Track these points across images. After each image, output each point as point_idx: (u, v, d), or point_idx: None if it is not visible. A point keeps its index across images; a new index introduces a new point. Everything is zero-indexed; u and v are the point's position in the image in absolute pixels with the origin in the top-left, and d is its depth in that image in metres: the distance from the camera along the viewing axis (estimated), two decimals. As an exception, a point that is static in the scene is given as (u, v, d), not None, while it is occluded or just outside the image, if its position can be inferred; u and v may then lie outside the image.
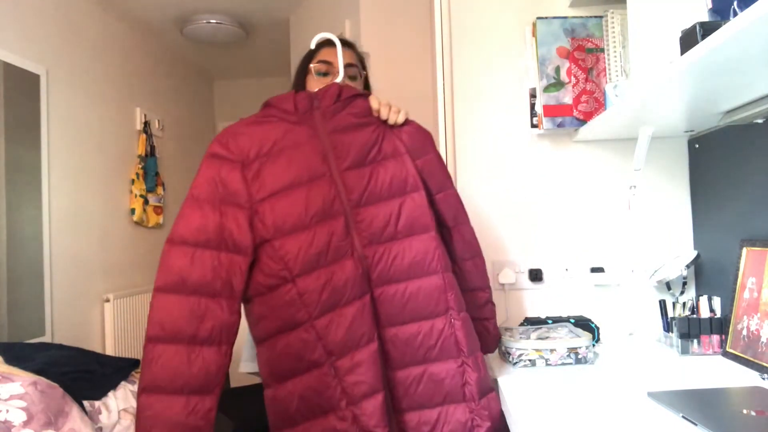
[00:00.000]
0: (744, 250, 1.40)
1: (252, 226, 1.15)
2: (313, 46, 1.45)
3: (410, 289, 1.20)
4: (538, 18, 1.69)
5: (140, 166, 3.68)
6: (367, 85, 1.53)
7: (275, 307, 1.15)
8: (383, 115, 1.27)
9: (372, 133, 1.26)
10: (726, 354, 1.38)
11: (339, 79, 1.35)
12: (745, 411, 0.99)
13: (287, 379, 1.16)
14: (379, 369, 1.15)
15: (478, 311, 1.37)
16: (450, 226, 1.32)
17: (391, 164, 1.25)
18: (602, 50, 1.67)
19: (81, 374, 1.97)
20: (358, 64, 1.48)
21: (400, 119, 1.28)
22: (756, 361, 1.26)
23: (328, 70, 1.42)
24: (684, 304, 1.57)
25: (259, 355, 1.21)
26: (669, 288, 1.66)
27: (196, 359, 1.09)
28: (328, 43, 1.47)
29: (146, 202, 3.71)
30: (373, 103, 1.28)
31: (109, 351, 3.24)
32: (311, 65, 1.44)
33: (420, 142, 1.30)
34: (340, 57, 1.37)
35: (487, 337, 1.40)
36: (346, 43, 1.49)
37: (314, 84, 1.44)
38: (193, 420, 1.07)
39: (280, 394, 1.16)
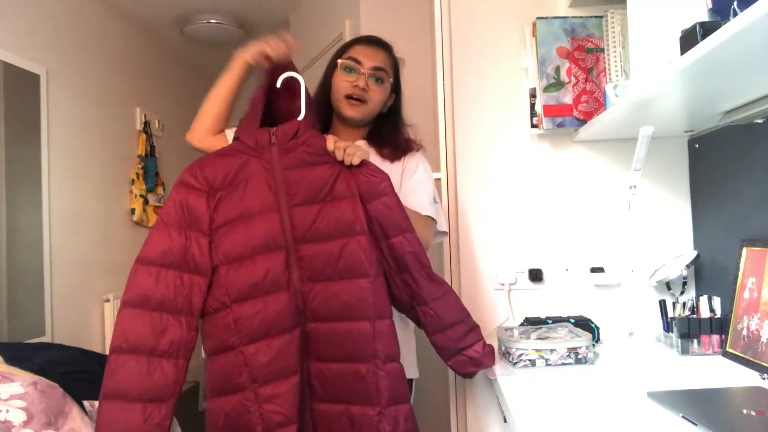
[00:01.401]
0: (744, 250, 1.40)
1: (210, 251, 1.23)
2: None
3: (340, 329, 1.23)
4: (538, 18, 1.69)
5: (140, 166, 3.68)
6: (397, 90, 1.52)
7: (216, 328, 1.22)
8: (338, 157, 1.25)
9: (327, 171, 1.26)
10: (726, 354, 1.38)
11: (301, 116, 1.29)
12: (745, 411, 0.99)
13: (218, 395, 1.22)
14: (297, 402, 1.20)
15: (458, 343, 1.33)
16: (411, 270, 1.28)
17: (342, 205, 1.25)
18: (602, 50, 1.67)
19: (81, 374, 1.97)
20: (389, 69, 1.47)
21: (355, 161, 1.24)
22: (756, 361, 1.26)
23: (355, 67, 1.44)
24: (684, 304, 1.57)
25: (205, 369, 1.27)
26: (669, 288, 1.66)
27: (155, 370, 1.16)
28: (362, 41, 1.48)
29: (146, 202, 3.71)
30: (329, 144, 1.26)
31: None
32: (339, 60, 1.46)
33: (374, 185, 1.26)
34: (303, 96, 1.30)
35: (470, 363, 1.34)
36: (382, 45, 1.49)
37: (339, 79, 1.44)
38: (147, 427, 1.14)
39: (212, 408, 1.23)
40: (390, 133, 1.51)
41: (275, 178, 1.26)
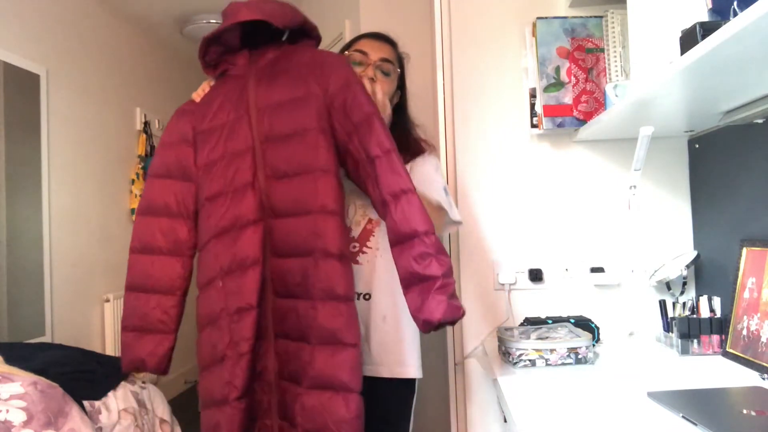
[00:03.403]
0: (744, 250, 1.40)
1: (195, 158, 1.35)
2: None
3: (291, 224, 1.26)
4: (538, 18, 1.69)
5: (140, 166, 3.68)
6: (402, 85, 1.53)
7: (199, 226, 1.35)
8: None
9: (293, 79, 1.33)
10: (726, 354, 1.38)
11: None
12: (745, 411, 0.99)
13: (202, 288, 1.33)
14: (257, 292, 1.24)
15: (414, 265, 1.15)
16: (373, 157, 1.22)
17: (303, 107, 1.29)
18: (602, 50, 1.67)
19: (81, 374, 1.97)
20: (395, 61, 1.49)
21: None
22: (756, 361, 1.26)
23: (362, 59, 1.45)
24: (684, 304, 1.57)
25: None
26: (669, 288, 1.66)
27: (162, 266, 1.34)
28: (368, 35, 1.50)
29: (146, 202, 3.71)
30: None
31: (109, 351, 3.24)
32: (346, 52, 1.48)
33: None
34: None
35: (429, 303, 1.14)
36: (386, 39, 1.51)
37: None
38: (157, 313, 1.33)
39: (199, 299, 1.33)
40: (400, 134, 1.49)
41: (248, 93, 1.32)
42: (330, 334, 1.21)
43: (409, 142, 1.49)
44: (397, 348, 1.41)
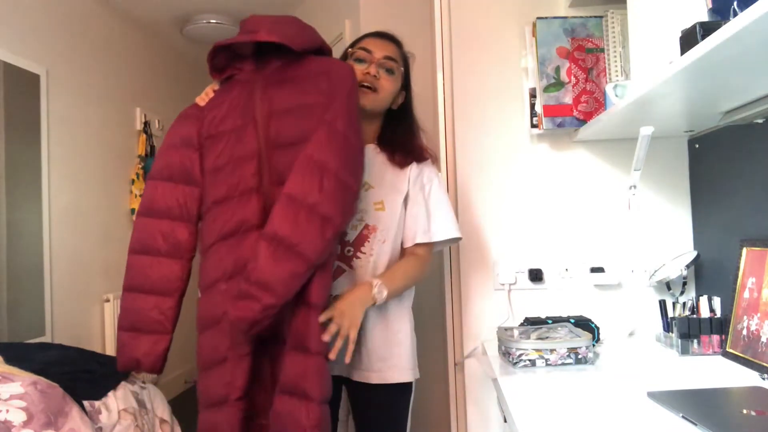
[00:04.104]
0: (744, 250, 1.40)
1: (201, 164, 1.36)
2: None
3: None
4: (538, 18, 1.69)
5: (140, 166, 3.68)
6: (407, 85, 1.52)
7: (204, 229, 1.36)
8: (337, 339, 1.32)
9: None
10: (726, 354, 1.38)
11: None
12: (745, 411, 0.99)
13: (204, 290, 1.33)
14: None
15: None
16: None
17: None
18: (602, 50, 1.67)
19: (81, 374, 1.97)
20: (399, 60, 1.48)
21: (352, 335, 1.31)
22: (756, 361, 1.26)
23: (366, 57, 1.45)
24: (684, 304, 1.57)
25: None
26: (669, 288, 1.66)
27: (161, 268, 1.34)
28: (372, 34, 1.50)
29: (146, 202, 3.71)
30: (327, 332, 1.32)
31: (109, 351, 3.24)
32: (350, 50, 1.48)
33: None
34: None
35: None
36: (391, 38, 1.50)
37: None
38: (155, 314, 1.33)
39: (201, 301, 1.34)
40: (405, 137, 1.50)
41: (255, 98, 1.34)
42: (299, 340, 1.23)
43: (413, 147, 1.49)
44: (390, 353, 1.42)
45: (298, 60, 1.34)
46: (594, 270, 1.74)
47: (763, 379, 1.20)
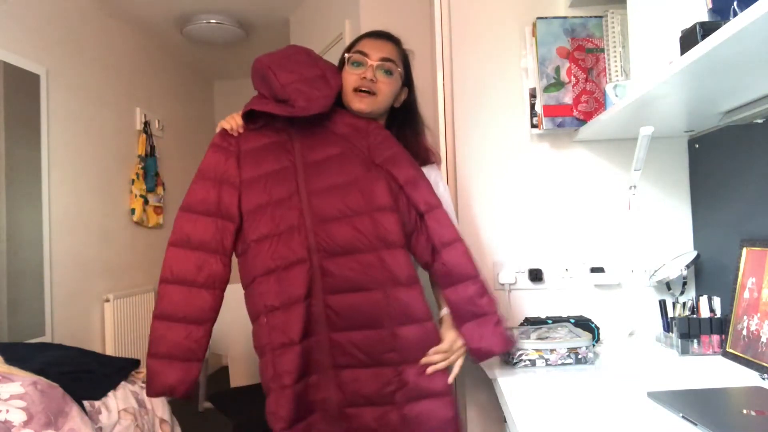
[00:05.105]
0: (744, 250, 1.40)
1: (240, 202, 1.40)
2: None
3: (350, 263, 1.33)
4: (538, 18, 1.69)
5: (140, 166, 3.68)
6: (409, 83, 1.51)
7: (245, 265, 1.40)
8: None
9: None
10: (726, 354, 1.38)
11: None
12: (745, 411, 0.99)
13: (254, 320, 1.38)
14: (301, 327, 1.30)
15: (470, 303, 1.31)
16: (422, 212, 1.35)
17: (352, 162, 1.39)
18: (602, 50, 1.67)
19: (81, 374, 1.97)
20: (397, 60, 1.46)
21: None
22: (756, 361, 1.26)
23: (362, 60, 1.43)
24: (684, 304, 1.57)
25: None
26: (669, 288, 1.66)
27: (195, 298, 1.36)
28: (369, 35, 1.49)
29: (146, 202, 3.71)
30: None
31: (109, 351, 3.24)
32: (346, 54, 1.46)
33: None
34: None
35: (490, 337, 1.31)
36: (388, 37, 1.49)
37: (347, 74, 1.44)
38: (188, 343, 1.35)
39: (255, 329, 1.39)
40: (411, 138, 1.49)
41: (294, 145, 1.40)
42: (419, 352, 1.31)
43: (419, 148, 1.49)
44: None
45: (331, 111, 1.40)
46: (594, 270, 1.74)
47: (763, 379, 1.20)
